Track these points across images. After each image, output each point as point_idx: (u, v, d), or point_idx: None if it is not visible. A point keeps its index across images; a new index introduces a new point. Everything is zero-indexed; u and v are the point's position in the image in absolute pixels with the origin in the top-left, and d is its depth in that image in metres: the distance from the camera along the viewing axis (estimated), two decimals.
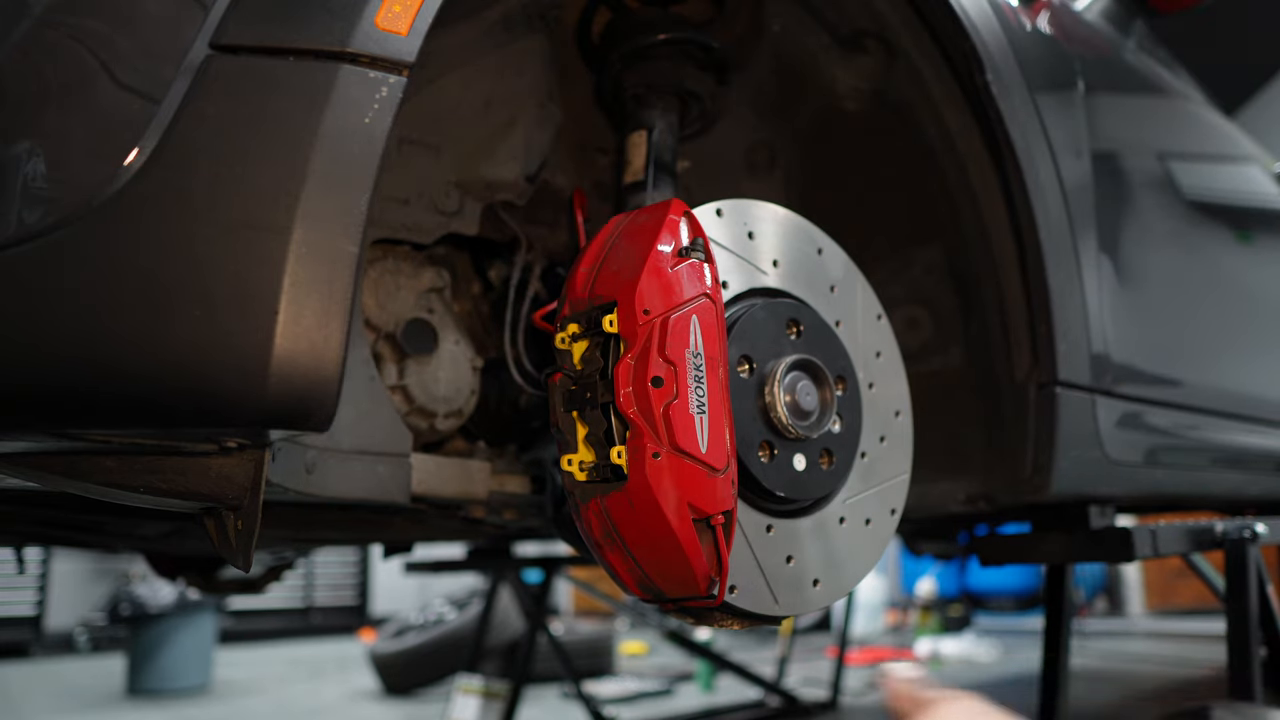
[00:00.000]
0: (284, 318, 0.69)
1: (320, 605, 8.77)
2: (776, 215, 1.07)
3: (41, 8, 0.72)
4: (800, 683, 4.04)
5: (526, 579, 3.42)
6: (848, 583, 1.06)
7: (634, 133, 1.31)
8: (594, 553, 0.92)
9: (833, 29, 1.42)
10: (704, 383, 0.87)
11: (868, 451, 1.10)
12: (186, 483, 0.78)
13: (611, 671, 4.65)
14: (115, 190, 0.68)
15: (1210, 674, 4.04)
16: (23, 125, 0.69)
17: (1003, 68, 1.37)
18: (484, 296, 1.50)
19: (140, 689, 4.65)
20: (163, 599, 4.69)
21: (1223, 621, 1.60)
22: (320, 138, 0.72)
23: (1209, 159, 2.17)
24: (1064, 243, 1.42)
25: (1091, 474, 1.47)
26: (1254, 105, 7.73)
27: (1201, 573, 2.49)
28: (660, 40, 1.31)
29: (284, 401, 0.70)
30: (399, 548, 2.37)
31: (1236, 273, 2.10)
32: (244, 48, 0.73)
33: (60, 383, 0.67)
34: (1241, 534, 1.63)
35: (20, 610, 7.20)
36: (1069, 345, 1.40)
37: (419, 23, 0.80)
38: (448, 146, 1.30)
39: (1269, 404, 2.05)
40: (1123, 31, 2.04)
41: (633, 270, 0.88)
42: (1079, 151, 1.53)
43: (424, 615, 4.63)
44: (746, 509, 0.97)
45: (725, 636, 5.94)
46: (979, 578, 6.84)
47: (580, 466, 0.90)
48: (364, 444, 1.13)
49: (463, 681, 3.11)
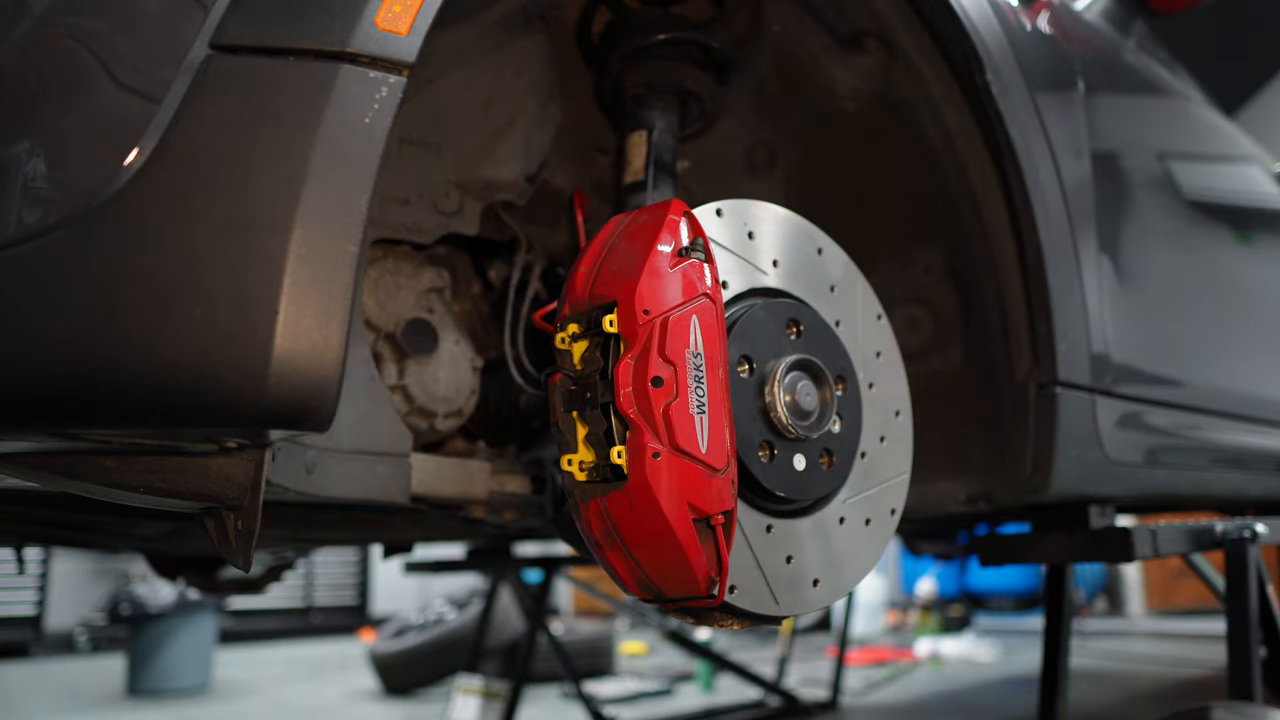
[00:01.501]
0: (284, 318, 0.69)
1: (320, 605, 8.77)
2: (776, 215, 1.07)
3: (41, 8, 0.72)
4: (800, 683, 4.04)
5: (526, 579, 3.42)
6: (848, 583, 1.06)
7: (634, 133, 1.31)
8: (594, 553, 0.92)
9: (833, 29, 1.42)
10: (704, 383, 0.87)
11: (868, 451, 1.10)
12: (186, 483, 0.78)
13: (611, 671, 4.65)
14: (115, 190, 0.68)
15: (1210, 674, 4.04)
16: (23, 125, 0.69)
17: (1003, 68, 1.37)
18: (484, 296, 1.50)
19: (140, 689, 4.65)
20: (163, 599, 4.69)
21: (1223, 621, 1.60)
22: (320, 138, 0.72)
23: (1209, 159, 2.17)
24: (1064, 243, 1.42)
25: (1091, 474, 1.47)
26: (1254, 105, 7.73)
27: (1201, 573, 2.49)
28: (660, 40, 1.31)
29: (284, 401, 0.70)
30: (399, 548, 2.37)
31: (1236, 273, 2.09)
32: (244, 48, 0.73)
33: (60, 383, 0.67)
34: (1241, 534, 1.63)
35: (20, 610, 7.20)
36: (1069, 345, 1.40)
37: (419, 23, 0.80)
38: (448, 146, 1.30)
39: (1269, 404, 2.05)
40: (1123, 31, 2.04)
41: (633, 270, 0.88)
42: (1079, 151, 1.53)
43: (424, 615, 4.63)
44: (746, 509, 0.97)
45: (725, 636, 5.94)
46: (979, 578, 6.84)
47: (580, 466, 0.90)
48: (364, 444, 1.13)
49: (463, 681, 3.11)
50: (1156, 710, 3.24)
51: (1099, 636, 5.78)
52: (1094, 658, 4.77)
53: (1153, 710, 3.26)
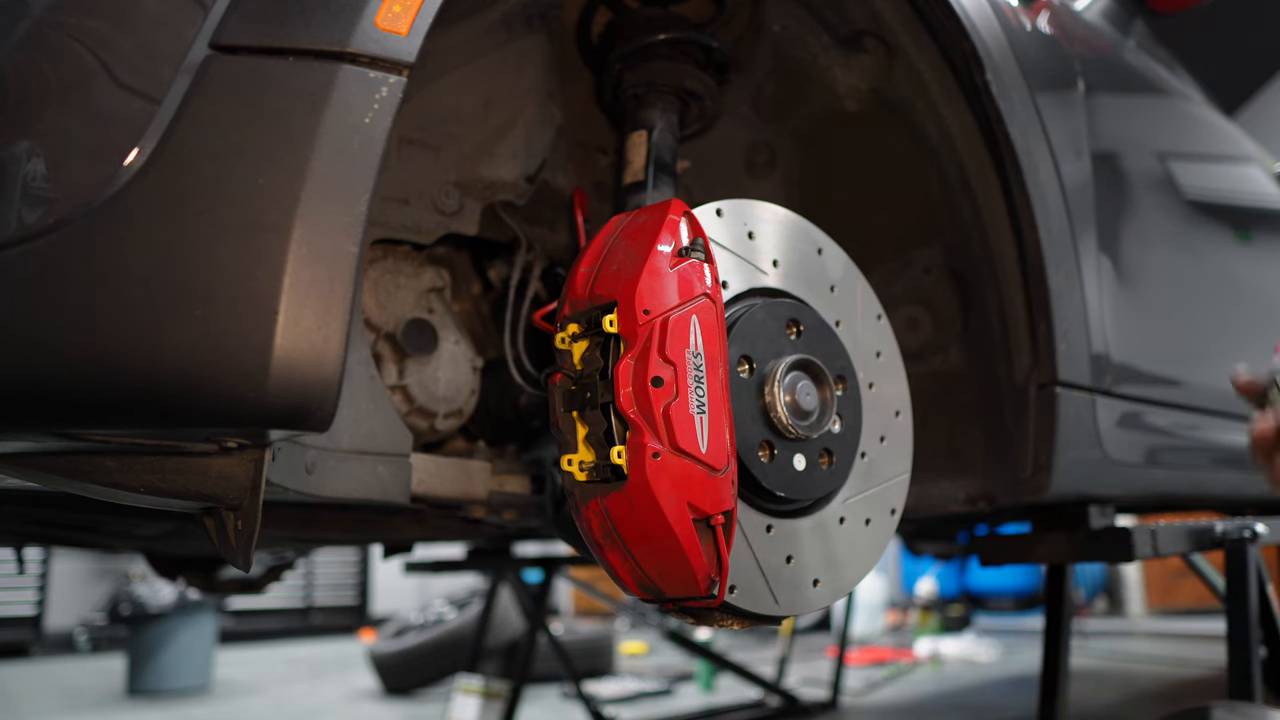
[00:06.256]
0: (284, 318, 0.69)
1: (320, 605, 8.77)
2: (776, 215, 1.07)
3: (41, 8, 0.72)
4: (800, 683, 4.05)
5: (526, 579, 3.42)
6: (848, 583, 1.06)
7: (634, 133, 1.31)
8: (594, 553, 0.92)
9: (833, 29, 1.42)
10: (704, 383, 0.87)
11: (868, 451, 1.10)
12: (186, 483, 0.78)
13: (611, 671, 4.65)
14: (115, 190, 0.68)
15: (1210, 674, 4.04)
16: (23, 125, 0.69)
17: (1003, 68, 1.37)
18: (484, 296, 1.50)
19: (140, 689, 4.65)
20: (163, 599, 4.69)
21: (1223, 621, 1.60)
22: (320, 138, 0.72)
23: (1209, 159, 2.17)
24: (1064, 242, 1.42)
25: (1091, 474, 1.47)
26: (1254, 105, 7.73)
27: (1201, 573, 2.49)
28: (660, 40, 1.31)
29: (284, 402, 0.70)
30: (399, 548, 2.37)
31: (1237, 272, 2.10)
32: (244, 48, 0.73)
33: (61, 383, 0.67)
34: (1241, 534, 1.63)
35: (20, 610, 7.20)
36: (1069, 345, 1.40)
37: (419, 23, 0.80)
38: (448, 146, 1.29)
39: None
40: (1123, 31, 2.04)
41: (633, 270, 0.88)
42: (1079, 151, 1.53)
43: (424, 615, 4.63)
44: (746, 509, 0.97)
45: (725, 636, 5.94)
46: (979, 578, 6.84)
47: (580, 466, 0.90)
48: (364, 444, 1.12)
49: (463, 681, 3.11)
50: (1156, 710, 3.25)
51: (1099, 636, 5.78)
52: (1094, 658, 4.78)
53: (1153, 710, 3.26)
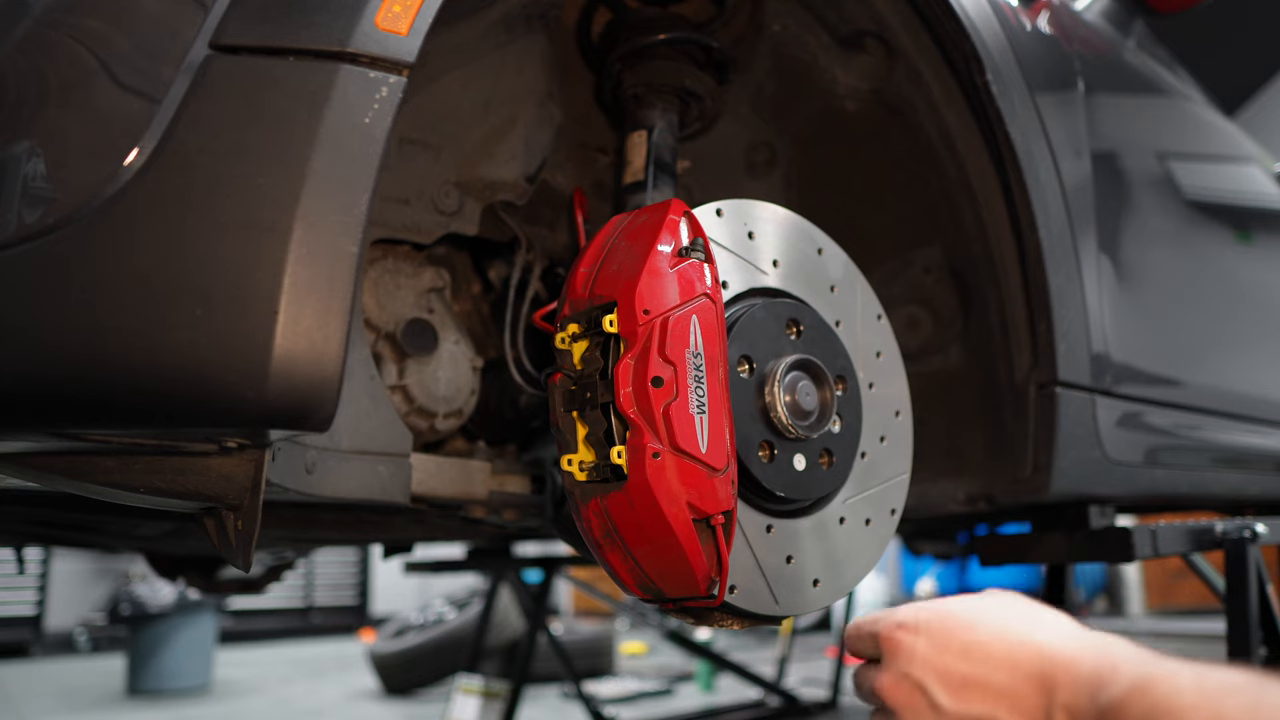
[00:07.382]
0: (284, 318, 0.69)
1: (320, 605, 8.77)
2: (776, 215, 1.07)
3: (41, 8, 0.72)
4: (800, 683, 4.05)
5: (526, 579, 3.42)
6: (848, 583, 1.06)
7: (634, 133, 1.31)
8: (594, 553, 0.92)
9: (833, 29, 1.42)
10: (704, 383, 0.87)
11: (868, 451, 1.10)
12: (186, 483, 0.78)
13: (611, 671, 4.65)
14: (115, 190, 0.68)
15: None
16: (23, 125, 0.69)
17: (1003, 68, 1.37)
18: (484, 296, 1.50)
19: (140, 689, 4.65)
20: (163, 599, 4.69)
21: (1223, 621, 1.60)
22: (320, 138, 0.72)
23: (1209, 159, 2.17)
24: (1064, 243, 1.42)
25: (1091, 474, 1.47)
26: (1254, 105, 7.73)
27: (1201, 573, 2.49)
28: (660, 40, 1.31)
29: (284, 401, 0.70)
30: (399, 548, 2.37)
31: (1237, 272, 2.10)
32: (244, 48, 0.73)
33: (61, 383, 0.67)
34: (1241, 534, 1.63)
35: (20, 610, 7.21)
36: (1069, 345, 1.40)
37: (419, 23, 0.80)
38: (448, 146, 1.29)
39: (1269, 404, 2.05)
40: (1123, 31, 2.04)
41: (633, 270, 0.88)
42: (1079, 151, 1.53)
43: (424, 615, 4.63)
44: (746, 509, 0.97)
45: (725, 636, 5.94)
46: (979, 578, 6.84)
47: (580, 466, 0.90)
48: (364, 444, 1.12)
49: (463, 681, 3.11)
50: None
51: None
52: None
53: None
